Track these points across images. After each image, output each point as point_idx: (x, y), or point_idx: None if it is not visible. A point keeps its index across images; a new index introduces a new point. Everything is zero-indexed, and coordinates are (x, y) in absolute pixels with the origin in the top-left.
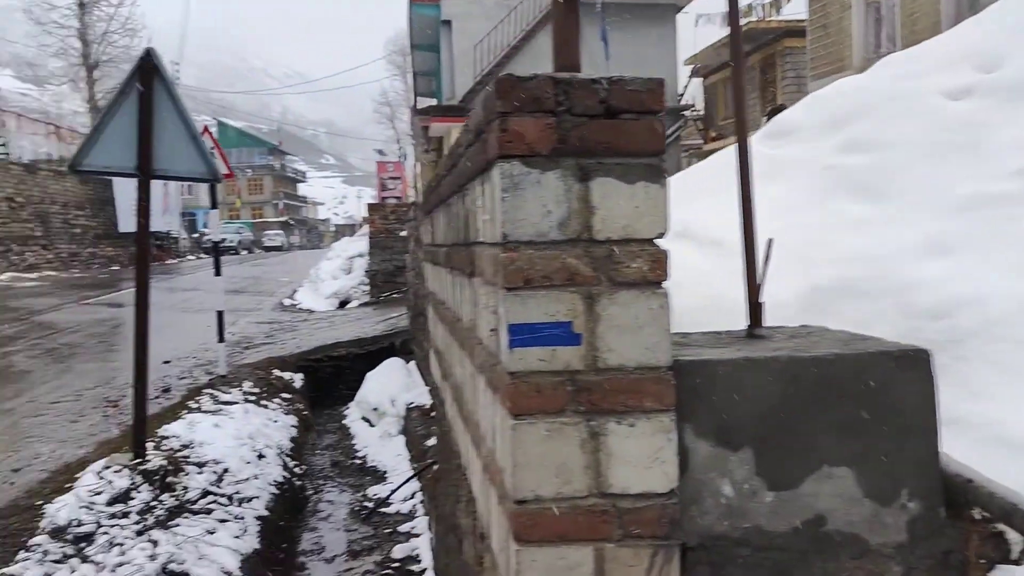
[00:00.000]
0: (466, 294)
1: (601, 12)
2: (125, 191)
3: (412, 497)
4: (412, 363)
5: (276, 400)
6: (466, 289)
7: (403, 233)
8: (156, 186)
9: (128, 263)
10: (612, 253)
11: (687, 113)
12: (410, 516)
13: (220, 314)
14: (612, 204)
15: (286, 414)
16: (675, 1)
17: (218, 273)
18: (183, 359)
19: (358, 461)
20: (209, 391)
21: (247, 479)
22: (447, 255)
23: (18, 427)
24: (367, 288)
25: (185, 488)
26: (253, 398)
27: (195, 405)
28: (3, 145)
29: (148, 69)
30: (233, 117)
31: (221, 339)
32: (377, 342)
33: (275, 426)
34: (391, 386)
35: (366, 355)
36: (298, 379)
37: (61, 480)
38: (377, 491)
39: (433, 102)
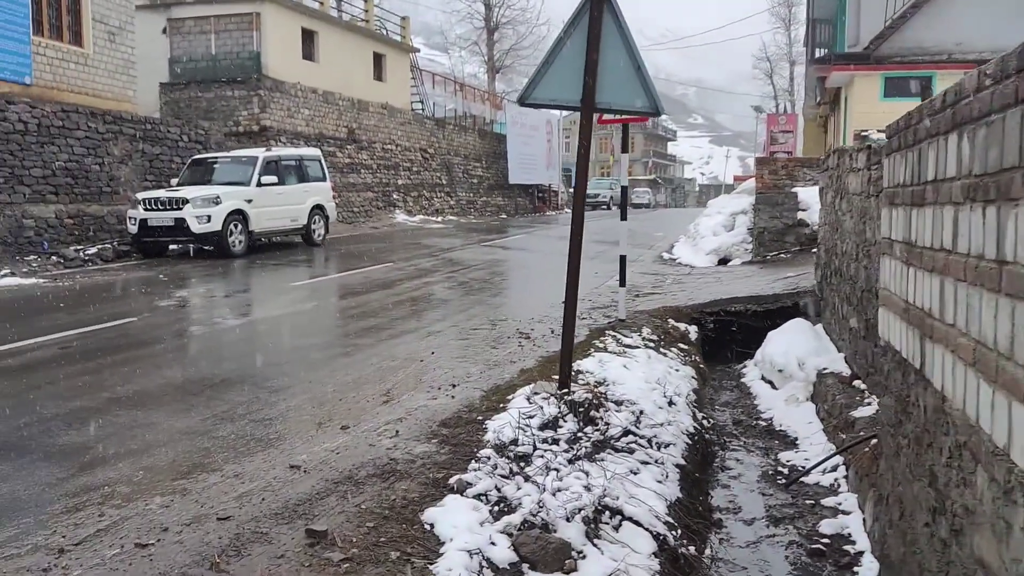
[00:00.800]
0: None
1: None
2: (516, 146)
3: (834, 470)
4: (819, 326)
5: (674, 349)
6: None
7: (796, 189)
8: (541, 141)
9: (514, 212)
10: None
11: None
12: (832, 490)
13: (623, 259)
14: None
15: (684, 364)
16: None
17: (624, 218)
18: (579, 301)
19: (763, 423)
20: (611, 333)
21: (662, 424)
22: (968, 188)
23: (448, 348)
24: (749, 246)
25: (607, 424)
26: (652, 345)
27: (600, 345)
28: (420, 103)
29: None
30: None
31: (622, 283)
32: (777, 300)
33: (676, 375)
34: (798, 348)
35: (764, 313)
36: (692, 331)
37: (494, 400)
38: (790, 458)
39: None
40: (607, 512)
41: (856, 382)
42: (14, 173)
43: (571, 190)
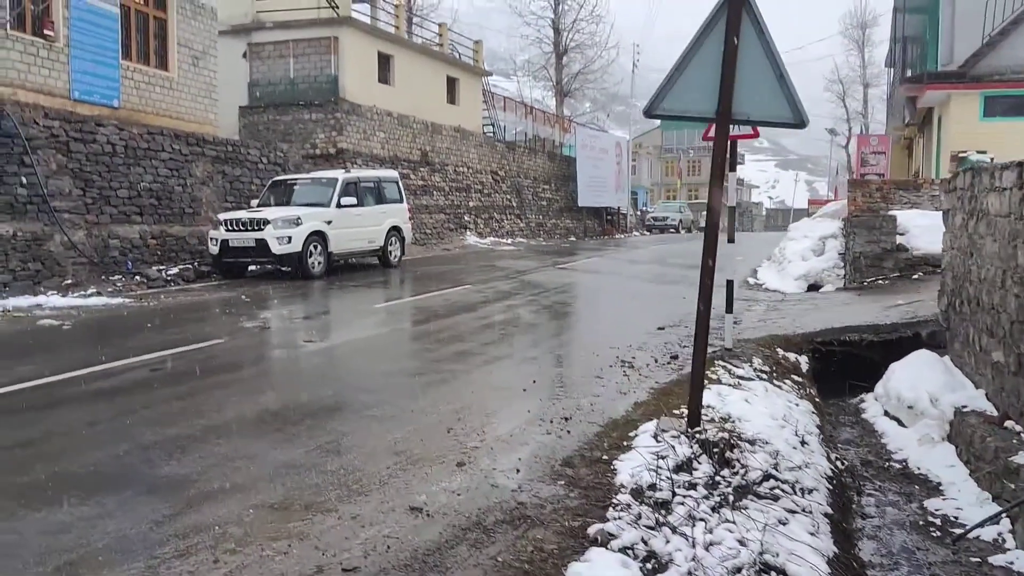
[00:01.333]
0: None
1: None
2: (585, 169)
3: (996, 523)
4: (946, 358)
5: (787, 382)
6: None
7: (894, 212)
8: (610, 164)
9: (583, 234)
10: None
11: None
12: (997, 546)
13: (730, 284)
14: None
15: (801, 399)
16: None
17: (731, 240)
18: (674, 327)
19: (896, 465)
20: (721, 363)
21: (799, 467)
22: None
23: (549, 376)
24: (841, 272)
25: (744, 467)
26: (765, 376)
27: (714, 376)
28: (491, 125)
29: (736, 1)
30: None
31: (729, 310)
32: (896, 330)
33: (797, 411)
34: (928, 383)
35: (882, 344)
36: (803, 361)
37: (614, 436)
38: (938, 506)
39: (909, 72)
40: (772, 572)
41: (1009, 423)
42: (102, 194)
43: (638, 212)
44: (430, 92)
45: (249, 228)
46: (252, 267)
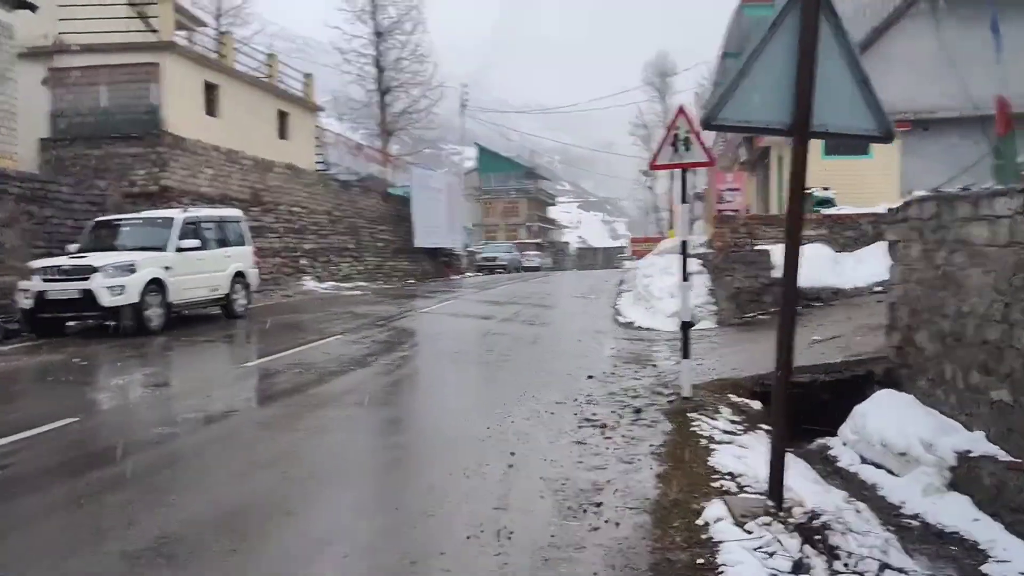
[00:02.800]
0: None
1: None
2: (420, 209)
3: None
4: (910, 397)
5: (760, 433)
6: None
7: (768, 247)
8: (443, 204)
9: (422, 276)
10: None
11: None
12: None
13: (686, 327)
14: None
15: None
16: None
17: (685, 279)
18: (604, 376)
19: (913, 522)
20: (694, 416)
21: (885, 548)
22: None
23: (522, 445)
24: (713, 308)
25: (849, 554)
26: (743, 429)
27: (704, 432)
28: (324, 163)
29: None
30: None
31: (686, 355)
32: (848, 368)
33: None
34: (913, 425)
35: (833, 384)
36: (756, 407)
37: (678, 527)
38: (1002, 572)
39: None
40: None
41: None
42: None
43: (471, 250)
44: (260, 126)
45: (72, 277)
46: (71, 323)
